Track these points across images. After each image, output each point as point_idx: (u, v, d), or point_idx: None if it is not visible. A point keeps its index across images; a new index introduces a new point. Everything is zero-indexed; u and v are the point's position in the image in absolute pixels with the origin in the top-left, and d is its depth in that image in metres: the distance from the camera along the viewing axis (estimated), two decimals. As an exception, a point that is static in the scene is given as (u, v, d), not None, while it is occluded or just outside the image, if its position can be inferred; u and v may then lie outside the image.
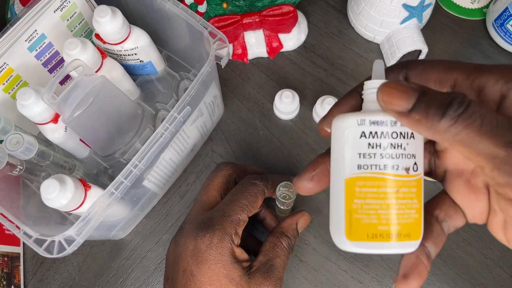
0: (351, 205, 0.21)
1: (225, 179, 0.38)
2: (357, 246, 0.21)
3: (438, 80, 0.22)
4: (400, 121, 0.20)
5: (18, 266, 0.44)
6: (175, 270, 0.33)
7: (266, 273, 0.33)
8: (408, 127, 0.20)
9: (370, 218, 0.21)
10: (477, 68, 0.21)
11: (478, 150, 0.18)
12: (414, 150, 0.21)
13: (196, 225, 0.34)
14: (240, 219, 0.34)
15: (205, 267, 0.31)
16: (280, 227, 0.36)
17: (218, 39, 0.37)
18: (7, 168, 0.38)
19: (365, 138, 0.21)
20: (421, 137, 0.21)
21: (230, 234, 0.33)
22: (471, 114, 0.18)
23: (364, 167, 0.21)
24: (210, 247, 0.32)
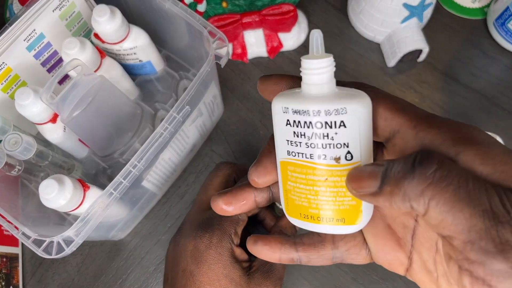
0: (287, 186, 0.22)
1: (224, 179, 0.38)
2: (294, 221, 0.22)
3: (383, 117, 0.20)
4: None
5: (17, 266, 0.44)
6: (174, 271, 0.33)
7: (266, 273, 0.33)
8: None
9: (301, 200, 0.21)
10: (426, 119, 0.19)
11: (453, 219, 0.16)
12: (346, 139, 0.19)
13: (196, 225, 0.33)
14: (239, 218, 0.34)
15: (205, 267, 0.31)
16: (279, 225, 0.36)
17: (218, 38, 0.36)
18: (6, 168, 0.37)
19: (290, 126, 0.20)
20: (356, 125, 0.19)
21: (230, 234, 0.32)
22: (447, 174, 0.16)
23: (292, 154, 0.21)
24: (210, 247, 0.32)
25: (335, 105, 0.19)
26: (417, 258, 0.21)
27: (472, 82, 0.51)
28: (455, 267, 0.17)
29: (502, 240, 0.15)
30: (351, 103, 0.19)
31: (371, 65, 0.52)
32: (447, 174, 0.16)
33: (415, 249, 0.21)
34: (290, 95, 0.21)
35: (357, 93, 0.20)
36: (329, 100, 0.19)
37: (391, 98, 0.20)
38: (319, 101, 0.19)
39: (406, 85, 0.51)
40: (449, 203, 0.16)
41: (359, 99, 0.19)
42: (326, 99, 0.19)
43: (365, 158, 0.20)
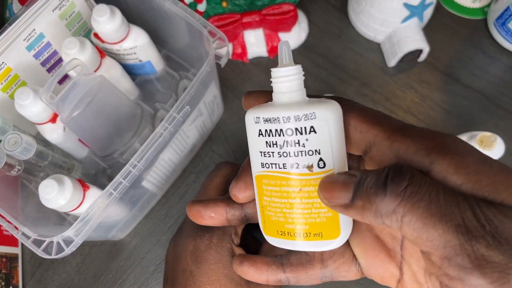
0: (263, 202, 0.21)
1: (224, 179, 0.38)
2: (271, 240, 0.22)
3: (359, 129, 0.20)
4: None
5: (17, 267, 0.44)
6: (174, 271, 0.33)
7: None
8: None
9: (277, 216, 0.21)
10: (401, 130, 0.18)
11: (427, 235, 0.15)
12: (318, 146, 0.19)
13: (196, 225, 0.33)
14: None
15: (205, 267, 0.31)
16: None
17: (218, 38, 0.36)
18: (6, 168, 0.37)
19: (263, 136, 0.20)
20: (326, 130, 0.19)
21: (230, 234, 0.32)
22: (418, 189, 0.16)
23: (266, 166, 0.20)
24: (210, 247, 0.32)
25: (304, 111, 0.19)
26: (407, 270, 0.20)
27: (472, 82, 0.51)
28: (436, 282, 0.17)
29: (478, 255, 0.14)
30: (319, 108, 0.19)
31: (371, 65, 0.52)
32: (418, 190, 0.16)
33: (405, 260, 0.21)
34: (262, 106, 0.21)
35: (327, 101, 0.20)
36: (298, 106, 0.19)
37: (366, 110, 0.20)
38: (288, 107, 0.19)
39: (406, 85, 0.51)
40: (421, 219, 0.15)
41: (328, 105, 0.19)
42: (295, 106, 0.19)
43: (338, 165, 0.19)
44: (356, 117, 0.20)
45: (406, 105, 0.50)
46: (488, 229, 0.15)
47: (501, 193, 0.16)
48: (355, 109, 0.20)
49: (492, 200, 0.16)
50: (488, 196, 0.16)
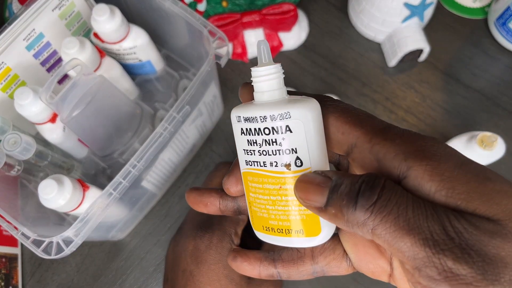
0: (249, 197, 0.22)
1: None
2: (259, 235, 0.22)
3: (341, 131, 0.19)
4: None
5: (16, 267, 0.44)
6: (174, 271, 0.33)
7: None
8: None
9: (262, 212, 0.21)
10: (382, 132, 0.18)
11: (397, 247, 0.16)
12: (295, 144, 0.19)
13: (196, 225, 0.33)
14: (239, 219, 0.34)
15: (205, 267, 0.31)
16: None
17: (218, 38, 0.36)
18: (5, 168, 0.37)
19: (244, 135, 0.21)
20: (301, 129, 0.19)
21: (230, 234, 0.32)
22: (387, 203, 0.16)
23: (249, 163, 0.21)
24: (210, 247, 0.32)
25: (279, 110, 0.19)
26: (397, 265, 0.20)
27: (472, 82, 0.51)
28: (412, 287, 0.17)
29: (445, 268, 0.14)
30: (294, 107, 0.19)
31: (372, 64, 0.52)
32: (387, 204, 0.16)
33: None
34: (245, 105, 0.21)
35: (305, 99, 0.20)
36: (275, 105, 0.19)
37: (350, 111, 0.20)
38: (266, 107, 0.19)
39: (406, 84, 0.51)
40: (390, 233, 0.15)
41: (304, 104, 0.19)
42: (272, 105, 0.19)
43: (316, 164, 0.19)
44: (338, 118, 0.20)
45: (406, 105, 0.50)
46: (458, 242, 0.15)
47: (474, 201, 0.16)
48: (338, 110, 0.20)
49: (464, 209, 0.16)
50: (461, 205, 0.16)
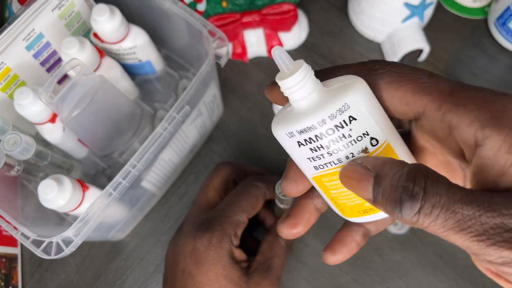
0: (331, 195, 0.22)
1: (224, 179, 0.37)
2: (356, 220, 0.23)
3: (405, 101, 0.18)
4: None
5: (16, 267, 0.44)
6: (174, 271, 0.33)
7: (265, 272, 0.33)
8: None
9: (353, 200, 0.21)
10: (452, 96, 0.17)
11: (452, 241, 0.16)
12: (364, 128, 0.19)
13: (195, 225, 0.33)
14: (240, 220, 0.33)
15: (204, 267, 0.31)
16: None
17: (218, 38, 0.36)
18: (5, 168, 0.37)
19: (304, 146, 0.19)
20: (365, 112, 0.18)
21: (229, 235, 0.32)
22: (431, 210, 0.15)
23: (320, 167, 0.20)
24: (209, 248, 0.32)
25: (335, 106, 0.18)
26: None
27: (472, 82, 0.51)
28: None
29: (503, 256, 0.15)
30: (347, 96, 0.18)
31: (372, 64, 0.52)
32: (432, 211, 0.15)
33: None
34: (286, 118, 0.20)
35: (349, 83, 0.19)
36: (326, 104, 0.18)
37: (409, 76, 0.18)
38: (317, 111, 0.18)
39: (406, 85, 0.51)
40: (441, 232, 0.15)
41: (353, 87, 0.18)
42: (322, 106, 0.18)
43: (389, 135, 0.19)
44: (399, 88, 0.18)
45: (406, 105, 0.50)
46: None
47: None
48: (395, 77, 0.18)
49: None
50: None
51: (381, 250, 0.44)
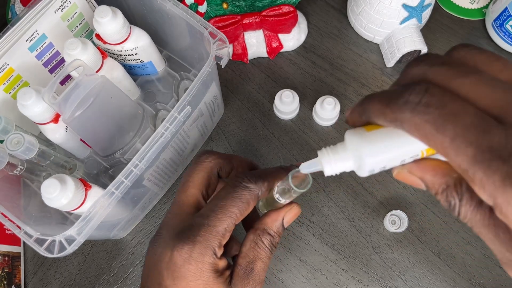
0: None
1: (206, 174, 0.32)
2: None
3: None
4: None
5: (19, 265, 0.44)
6: (150, 282, 0.30)
7: (246, 279, 0.30)
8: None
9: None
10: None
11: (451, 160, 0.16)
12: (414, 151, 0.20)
13: (174, 233, 0.29)
14: (226, 229, 0.29)
15: (183, 283, 0.28)
16: (262, 222, 0.31)
17: (218, 39, 0.37)
18: (8, 168, 0.38)
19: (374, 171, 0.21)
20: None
21: (213, 248, 0.28)
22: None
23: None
24: (189, 262, 0.28)
25: (406, 155, 0.19)
26: None
27: (470, 83, 0.51)
28: None
29: None
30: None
31: (370, 65, 0.52)
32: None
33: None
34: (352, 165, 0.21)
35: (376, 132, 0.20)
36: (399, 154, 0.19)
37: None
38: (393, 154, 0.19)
39: (405, 85, 0.51)
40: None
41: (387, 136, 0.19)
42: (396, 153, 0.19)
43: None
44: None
45: (405, 106, 0.50)
46: None
47: None
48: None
49: None
50: None
51: (379, 248, 0.45)
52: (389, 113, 0.18)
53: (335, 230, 0.46)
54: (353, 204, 0.46)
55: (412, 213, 0.46)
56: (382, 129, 0.20)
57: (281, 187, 0.31)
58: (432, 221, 0.45)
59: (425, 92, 0.17)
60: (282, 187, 0.31)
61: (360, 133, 0.20)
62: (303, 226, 0.46)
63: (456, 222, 0.45)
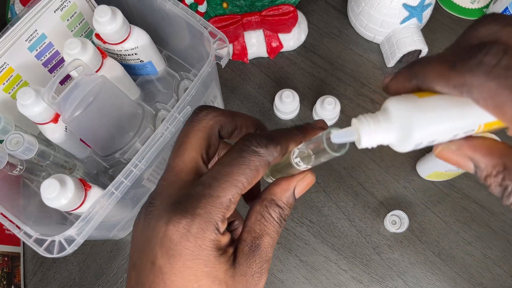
0: None
1: (205, 134, 0.27)
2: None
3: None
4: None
5: (19, 265, 0.44)
6: (141, 260, 0.26)
7: (252, 257, 0.26)
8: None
9: None
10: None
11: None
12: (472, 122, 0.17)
13: (170, 204, 0.25)
14: (231, 201, 0.25)
15: (179, 263, 0.24)
16: (271, 192, 0.27)
17: (218, 39, 0.37)
18: (8, 168, 0.38)
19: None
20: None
21: (215, 222, 0.24)
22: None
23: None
24: (187, 238, 0.24)
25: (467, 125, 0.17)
26: None
27: (471, 82, 0.51)
28: None
29: None
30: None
31: (371, 65, 0.52)
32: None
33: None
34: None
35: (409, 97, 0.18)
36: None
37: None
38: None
39: (405, 85, 0.51)
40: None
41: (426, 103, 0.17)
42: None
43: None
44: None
45: (405, 105, 0.50)
46: None
47: None
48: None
49: None
50: None
51: (379, 248, 0.45)
52: (454, 76, 0.15)
53: (335, 230, 0.45)
54: (353, 204, 0.46)
55: (412, 213, 0.45)
56: (437, 96, 0.17)
57: (302, 149, 0.26)
58: (433, 221, 0.45)
59: (504, 53, 0.14)
60: (304, 150, 0.26)
61: (411, 100, 0.17)
62: (303, 226, 0.46)
63: (457, 222, 0.45)
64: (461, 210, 0.46)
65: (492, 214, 0.45)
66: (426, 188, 0.47)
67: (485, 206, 0.46)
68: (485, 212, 0.46)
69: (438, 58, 0.16)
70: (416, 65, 0.17)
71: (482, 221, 0.45)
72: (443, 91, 0.16)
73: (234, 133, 0.28)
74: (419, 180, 0.47)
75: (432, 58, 0.16)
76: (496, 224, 0.45)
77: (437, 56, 0.16)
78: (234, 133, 0.28)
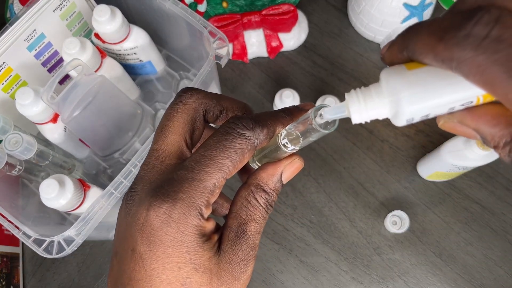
0: None
1: (189, 117, 0.26)
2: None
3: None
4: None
5: (17, 266, 0.44)
6: (122, 247, 0.24)
7: (238, 243, 0.24)
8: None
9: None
10: None
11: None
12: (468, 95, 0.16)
13: (151, 189, 0.23)
14: (215, 185, 0.23)
15: (160, 250, 0.23)
16: (257, 177, 0.26)
17: (218, 38, 0.36)
18: (6, 168, 0.38)
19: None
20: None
21: (199, 207, 0.23)
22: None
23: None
24: (168, 223, 0.23)
25: (462, 97, 0.16)
26: None
27: (472, 82, 0.51)
28: None
29: None
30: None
31: (371, 64, 0.52)
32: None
33: None
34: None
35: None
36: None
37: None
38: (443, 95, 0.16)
39: (406, 85, 0.51)
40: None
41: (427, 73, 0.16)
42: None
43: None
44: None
45: (406, 105, 0.50)
46: None
47: None
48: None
49: None
50: None
51: (380, 249, 0.44)
52: (441, 50, 0.14)
53: (335, 231, 0.45)
54: (353, 204, 0.46)
55: (413, 214, 0.45)
56: (426, 67, 0.16)
57: (290, 130, 0.25)
58: (433, 221, 0.45)
59: (495, 22, 0.13)
60: (291, 131, 0.25)
61: (399, 72, 0.16)
62: (304, 227, 0.45)
63: (458, 223, 0.45)
64: (462, 210, 0.46)
65: (493, 215, 0.45)
66: (427, 188, 0.46)
67: (486, 206, 0.46)
68: (486, 213, 0.45)
69: (428, 27, 0.15)
70: (409, 32, 0.16)
71: (483, 221, 0.45)
72: (432, 65, 0.15)
73: (220, 116, 0.27)
74: (420, 180, 0.47)
75: (423, 26, 0.15)
76: (497, 224, 0.45)
77: (429, 23, 0.15)
78: (220, 116, 0.27)
